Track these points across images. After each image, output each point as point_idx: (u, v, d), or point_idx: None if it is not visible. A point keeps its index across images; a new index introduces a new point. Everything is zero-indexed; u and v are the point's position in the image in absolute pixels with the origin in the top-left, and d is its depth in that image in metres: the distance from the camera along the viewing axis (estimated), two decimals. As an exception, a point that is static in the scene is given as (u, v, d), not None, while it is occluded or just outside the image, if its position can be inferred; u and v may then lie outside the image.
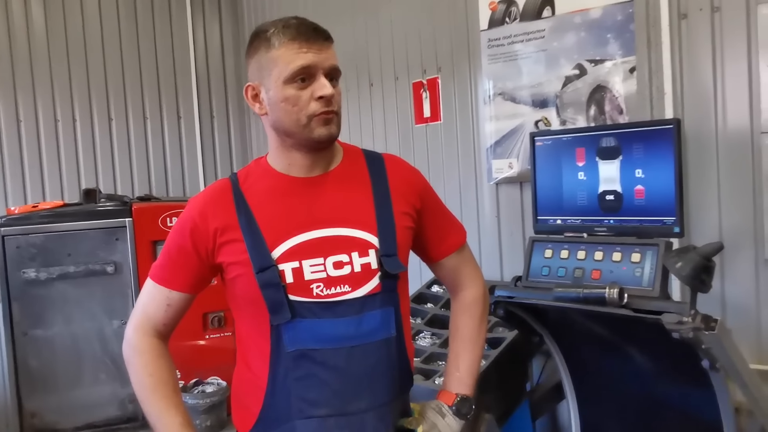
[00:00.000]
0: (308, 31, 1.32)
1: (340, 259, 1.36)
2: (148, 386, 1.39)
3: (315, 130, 1.33)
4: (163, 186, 4.39)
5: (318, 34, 1.33)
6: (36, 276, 3.08)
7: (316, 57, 1.31)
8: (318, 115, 1.32)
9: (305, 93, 1.32)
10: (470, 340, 1.56)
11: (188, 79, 4.47)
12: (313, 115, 1.32)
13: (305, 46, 1.31)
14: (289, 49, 1.31)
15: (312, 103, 1.32)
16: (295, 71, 1.31)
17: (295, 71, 1.31)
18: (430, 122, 3.26)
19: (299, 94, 1.32)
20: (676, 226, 1.94)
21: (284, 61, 1.31)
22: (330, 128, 1.34)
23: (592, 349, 2.31)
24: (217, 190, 1.43)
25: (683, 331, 1.73)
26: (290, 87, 1.32)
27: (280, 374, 1.35)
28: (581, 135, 2.19)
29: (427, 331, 2.66)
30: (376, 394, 1.37)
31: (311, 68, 1.31)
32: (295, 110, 1.33)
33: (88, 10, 4.16)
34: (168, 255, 1.43)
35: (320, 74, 1.32)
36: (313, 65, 1.31)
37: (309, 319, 1.33)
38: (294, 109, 1.33)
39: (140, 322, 1.44)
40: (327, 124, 1.33)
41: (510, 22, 2.84)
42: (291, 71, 1.31)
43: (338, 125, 1.37)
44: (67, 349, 3.16)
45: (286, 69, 1.31)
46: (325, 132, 1.34)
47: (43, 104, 4.02)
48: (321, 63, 1.32)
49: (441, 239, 1.54)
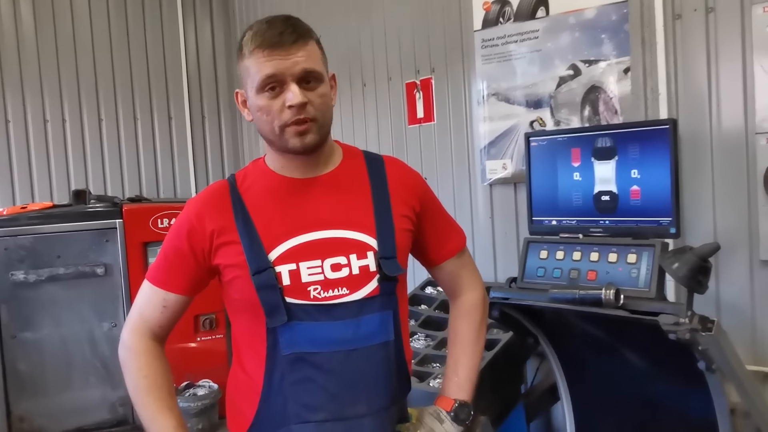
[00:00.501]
0: (273, 37, 1.26)
1: (337, 261, 1.34)
2: (142, 388, 1.38)
3: (289, 141, 1.30)
4: (154, 187, 4.35)
5: (285, 37, 1.26)
6: (25, 278, 3.05)
7: (282, 64, 1.26)
8: (290, 125, 1.28)
9: (277, 102, 1.28)
10: (469, 345, 1.54)
11: (179, 80, 4.44)
12: (285, 125, 1.29)
13: (270, 53, 1.26)
14: (256, 57, 1.27)
15: (284, 112, 1.28)
16: (262, 81, 1.27)
17: (261, 81, 1.27)
18: (423, 123, 3.25)
19: (271, 104, 1.28)
20: (672, 227, 1.94)
21: (253, 70, 1.28)
22: (304, 139, 1.30)
23: (587, 351, 2.30)
24: (214, 192, 1.41)
25: (680, 332, 1.72)
26: (262, 96, 1.29)
27: (276, 378, 1.33)
28: (576, 135, 2.18)
29: (422, 333, 2.64)
30: (374, 399, 1.35)
31: (278, 76, 1.27)
32: (268, 120, 1.30)
33: (78, 9, 4.12)
34: (165, 257, 1.41)
35: (290, 81, 1.27)
36: (280, 73, 1.26)
37: (306, 321, 1.31)
38: (267, 119, 1.30)
39: (136, 323, 1.42)
40: (301, 134, 1.29)
41: (504, 22, 2.83)
42: (258, 81, 1.28)
43: (318, 132, 1.31)
44: (57, 352, 3.13)
45: (255, 78, 1.28)
46: (299, 143, 1.30)
47: (32, 104, 3.98)
48: (289, 69, 1.26)
49: (441, 243, 1.52)
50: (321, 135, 1.32)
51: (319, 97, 1.30)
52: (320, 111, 1.31)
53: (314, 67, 1.29)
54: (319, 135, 1.32)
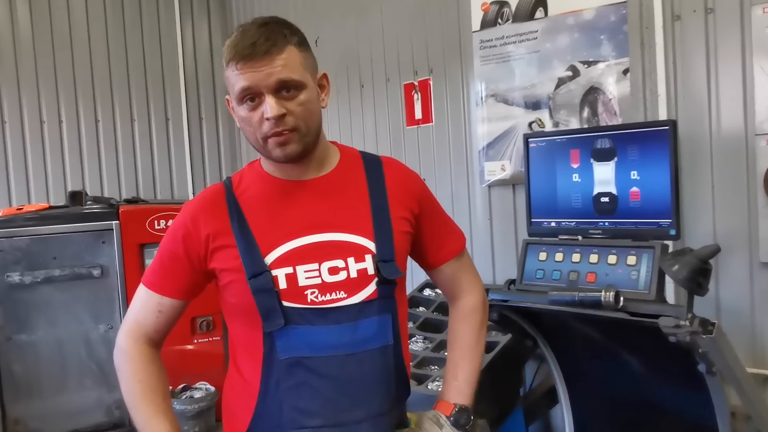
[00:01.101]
0: (245, 49, 1.22)
1: (335, 264, 1.32)
2: (136, 393, 1.36)
3: (272, 152, 1.28)
4: (151, 188, 4.34)
5: (258, 48, 1.22)
6: (20, 280, 3.02)
7: (255, 76, 1.23)
8: (270, 137, 1.26)
9: (256, 114, 1.25)
10: (469, 348, 1.52)
11: (176, 81, 4.44)
12: (266, 137, 1.26)
13: (243, 66, 1.23)
14: (231, 70, 1.25)
15: (264, 123, 1.25)
16: (239, 94, 1.25)
17: (238, 94, 1.25)
18: (421, 124, 3.24)
19: (251, 116, 1.26)
20: (672, 229, 1.92)
21: (231, 81, 1.26)
22: (285, 149, 1.27)
23: (586, 353, 2.29)
24: (209, 196, 1.39)
25: (680, 334, 1.71)
26: (242, 108, 1.27)
27: (273, 382, 1.31)
28: (576, 136, 2.17)
29: (419, 335, 2.63)
30: (372, 404, 1.33)
31: (253, 89, 1.24)
32: (250, 131, 1.28)
33: (75, 10, 4.11)
34: (160, 261, 1.39)
35: (265, 93, 1.24)
36: (254, 85, 1.23)
37: (303, 326, 1.29)
38: (250, 130, 1.28)
39: (131, 328, 1.40)
40: (282, 145, 1.27)
41: (502, 23, 2.82)
42: (236, 94, 1.26)
43: (301, 141, 1.28)
44: (52, 354, 3.10)
45: (234, 90, 1.26)
46: (281, 153, 1.28)
47: (29, 105, 3.97)
48: (263, 82, 1.23)
49: (440, 245, 1.50)
50: (305, 143, 1.29)
51: (299, 105, 1.27)
52: (302, 119, 1.27)
53: (290, 75, 1.25)
54: (303, 143, 1.29)
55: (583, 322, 2.09)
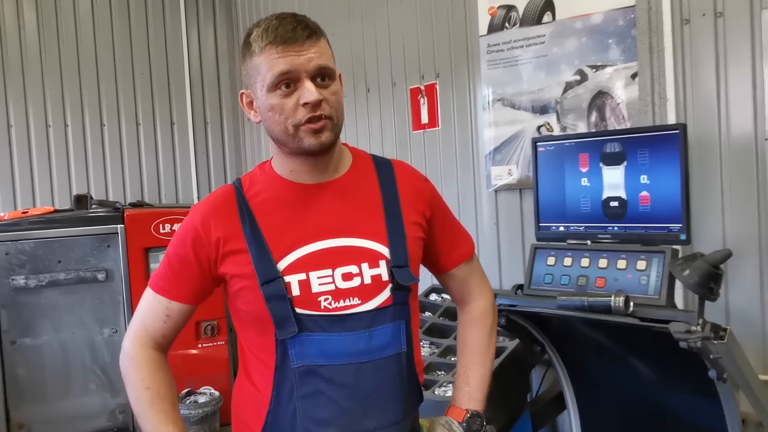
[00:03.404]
0: (286, 32, 1.21)
1: (349, 270, 1.30)
2: (145, 400, 1.33)
3: (304, 140, 1.25)
4: (155, 192, 4.34)
5: (299, 33, 1.22)
6: (25, 283, 3.02)
7: (297, 59, 1.21)
8: (305, 124, 1.24)
9: (290, 100, 1.23)
10: (480, 353, 1.50)
11: (182, 85, 4.44)
12: (299, 124, 1.24)
13: (284, 49, 1.21)
14: (268, 54, 1.22)
15: (299, 110, 1.23)
16: (275, 78, 1.22)
17: (275, 78, 1.22)
18: (427, 128, 3.23)
19: (284, 102, 1.23)
20: (682, 233, 1.91)
21: (264, 68, 1.23)
22: (320, 137, 1.25)
23: (594, 359, 2.28)
24: (219, 198, 1.36)
25: (691, 340, 1.69)
26: (274, 95, 1.24)
27: (285, 391, 1.29)
28: (585, 140, 2.15)
29: (426, 341, 2.61)
30: (386, 413, 1.31)
31: (293, 73, 1.22)
32: (281, 119, 1.25)
33: (81, 14, 4.12)
34: (168, 264, 1.36)
35: (304, 78, 1.23)
36: (294, 69, 1.22)
37: (316, 333, 1.27)
38: (280, 118, 1.25)
39: (138, 333, 1.38)
40: (316, 132, 1.24)
41: (510, 27, 2.81)
42: (271, 79, 1.23)
43: (333, 130, 1.27)
44: (57, 358, 3.11)
45: (267, 76, 1.23)
46: (315, 141, 1.25)
47: (35, 109, 3.98)
48: (303, 65, 1.22)
49: (450, 249, 1.49)
50: (335, 134, 1.28)
51: (333, 94, 1.26)
52: (335, 109, 1.27)
53: (328, 63, 1.26)
54: (334, 133, 1.28)
55: (591, 327, 2.07)
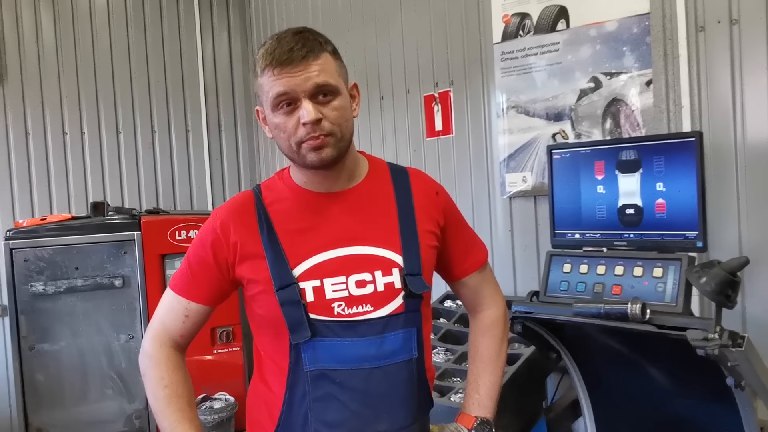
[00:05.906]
0: (282, 54, 1.25)
1: (362, 277, 1.33)
2: (162, 398, 1.36)
3: (306, 157, 1.29)
4: (170, 199, 4.37)
5: (295, 53, 1.25)
6: (43, 289, 3.06)
7: (293, 81, 1.25)
8: (306, 141, 1.27)
9: (292, 119, 1.27)
10: (491, 361, 1.53)
11: (197, 92, 4.47)
12: (301, 141, 1.27)
13: (280, 71, 1.25)
14: (268, 76, 1.26)
15: (299, 129, 1.27)
16: (275, 100, 1.27)
17: (273, 99, 1.27)
18: (441, 135, 3.24)
19: (286, 121, 1.27)
20: (699, 241, 1.90)
21: (266, 88, 1.28)
22: (320, 154, 1.28)
23: (610, 366, 2.27)
24: (240, 203, 1.41)
25: (709, 348, 1.69)
26: (277, 114, 1.28)
27: (298, 394, 1.32)
28: (600, 148, 2.16)
29: (441, 347, 2.62)
30: (396, 417, 1.34)
31: (290, 94, 1.26)
32: (285, 137, 1.29)
33: (98, 22, 4.17)
34: (189, 266, 1.41)
35: (302, 98, 1.26)
36: (291, 90, 1.25)
37: (329, 338, 1.30)
38: (284, 136, 1.29)
39: (157, 332, 1.42)
40: (317, 149, 1.27)
41: (524, 35, 2.82)
42: (271, 100, 1.27)
43: (336, 146, 1.29)
44: (74, 363, 3.13)
45: (269, 97, 1.27)
46: (316, 158, 1.28)
47: (52, 117, 4.02)
48: (300, 86, 1.25)
49: (464, 257, 1.51)
50: (339, 149, 1.31)
51: (334, 110, 1.28)
52: (337, 124, 1.29)
53: (327, 80, 1.27)
54: (337, 149, 1.30)
55: (607, 334, 2.07)
